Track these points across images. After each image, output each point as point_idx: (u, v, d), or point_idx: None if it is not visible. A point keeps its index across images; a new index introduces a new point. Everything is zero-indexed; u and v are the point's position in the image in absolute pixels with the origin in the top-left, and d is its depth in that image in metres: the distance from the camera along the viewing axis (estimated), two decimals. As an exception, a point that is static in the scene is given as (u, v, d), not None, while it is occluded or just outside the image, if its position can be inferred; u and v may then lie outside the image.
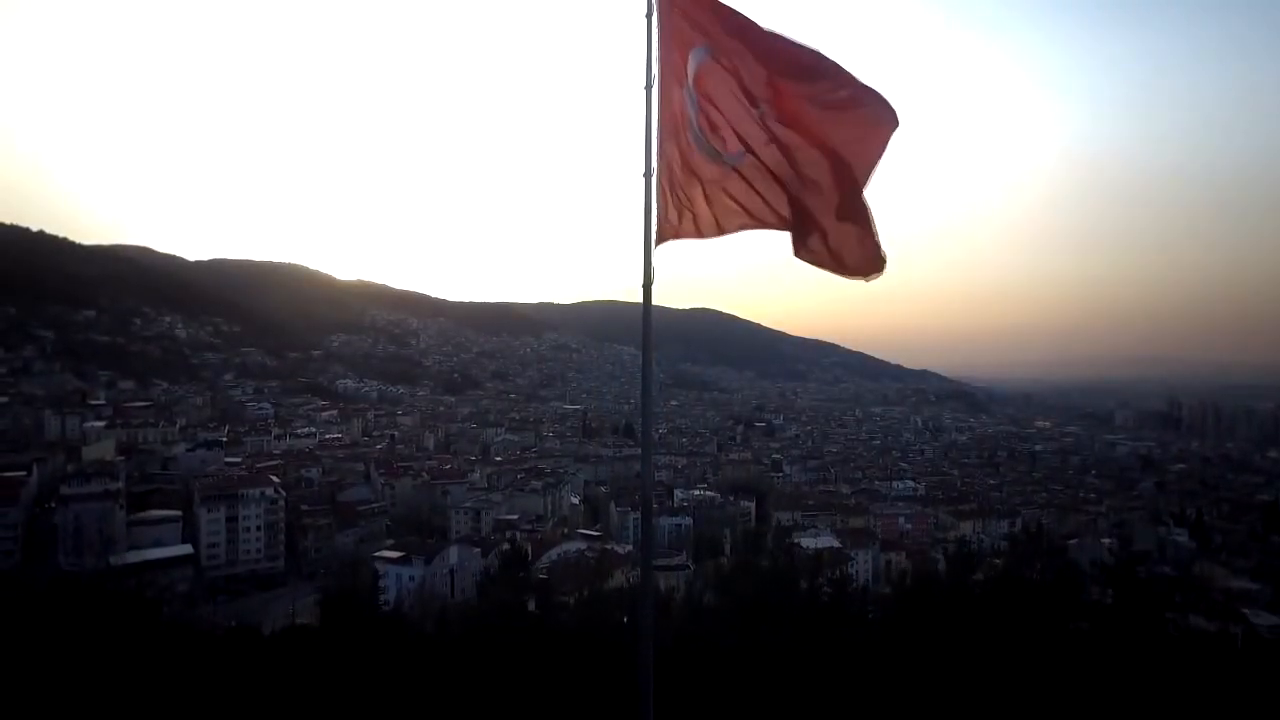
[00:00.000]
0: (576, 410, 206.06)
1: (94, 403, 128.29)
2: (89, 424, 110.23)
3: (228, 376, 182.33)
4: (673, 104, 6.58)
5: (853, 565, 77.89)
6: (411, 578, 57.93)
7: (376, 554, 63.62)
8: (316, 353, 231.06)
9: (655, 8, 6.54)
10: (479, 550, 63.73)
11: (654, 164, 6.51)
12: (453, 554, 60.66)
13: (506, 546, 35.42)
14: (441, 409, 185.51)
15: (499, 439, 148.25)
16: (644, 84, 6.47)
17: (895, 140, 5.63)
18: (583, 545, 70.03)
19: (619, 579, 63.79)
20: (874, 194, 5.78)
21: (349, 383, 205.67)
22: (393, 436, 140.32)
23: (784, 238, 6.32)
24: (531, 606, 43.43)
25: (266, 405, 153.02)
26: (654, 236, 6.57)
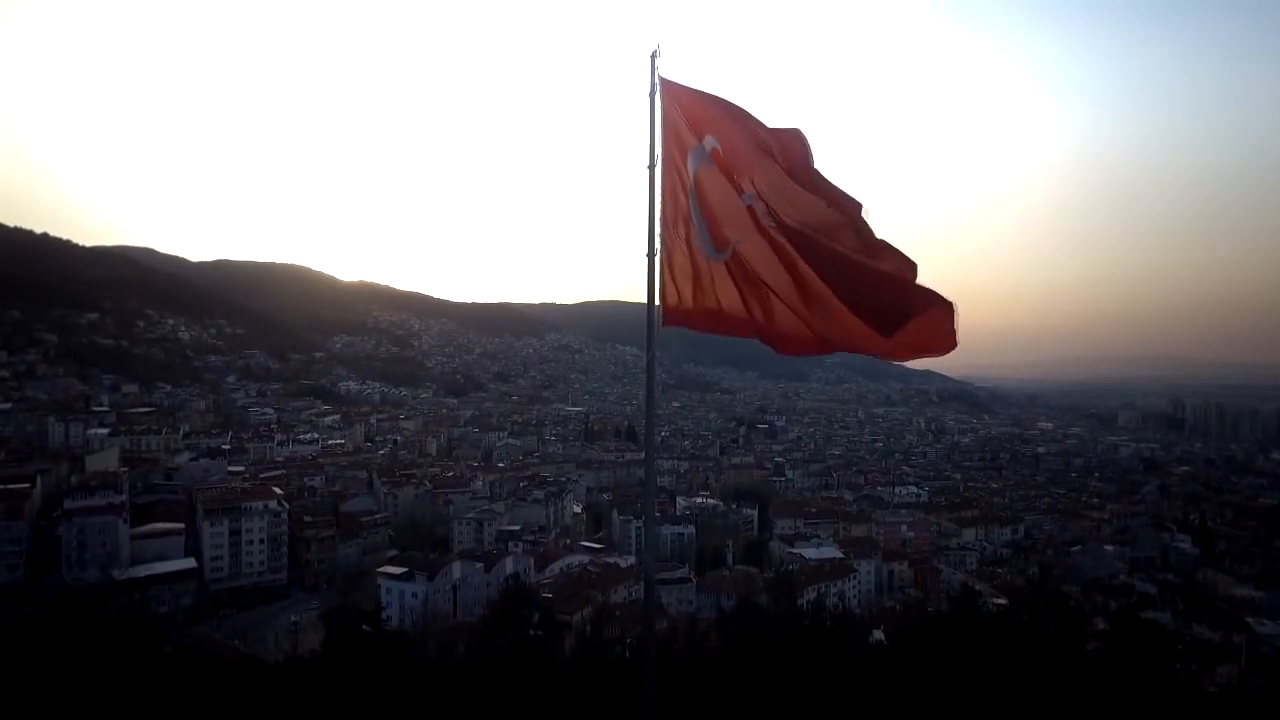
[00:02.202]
0: (579, 412, 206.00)
1: (97, 408, 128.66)
2: (92, 431, 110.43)
3: (231, 379, 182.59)
4: (675, 188, 6.54)
5: (854, 577, 78.01)
6: (414, 594, 58.12)
7: (379, 570, 63.75)
8: (319, 354, 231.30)
9: (658, 88, 6.51)
10: (481, 565, 63.84)
11: (657, 244, 6.51)
12: (455, 570, 60.79)
13: (509, 582, 35.39)
14: (444, 412, 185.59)
15: (501, 443, 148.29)
16: (647, 164, 6.47)
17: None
18: (585, 558, 70.10)
19: (622, 593, 64.00)
20: (879, 201, 5.53)
21: (351, 385, 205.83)
22: (395, 442, 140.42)
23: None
24: (535, 623, 43.66)
25: (269, 410, 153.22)
26: (658, 318, 6.56)
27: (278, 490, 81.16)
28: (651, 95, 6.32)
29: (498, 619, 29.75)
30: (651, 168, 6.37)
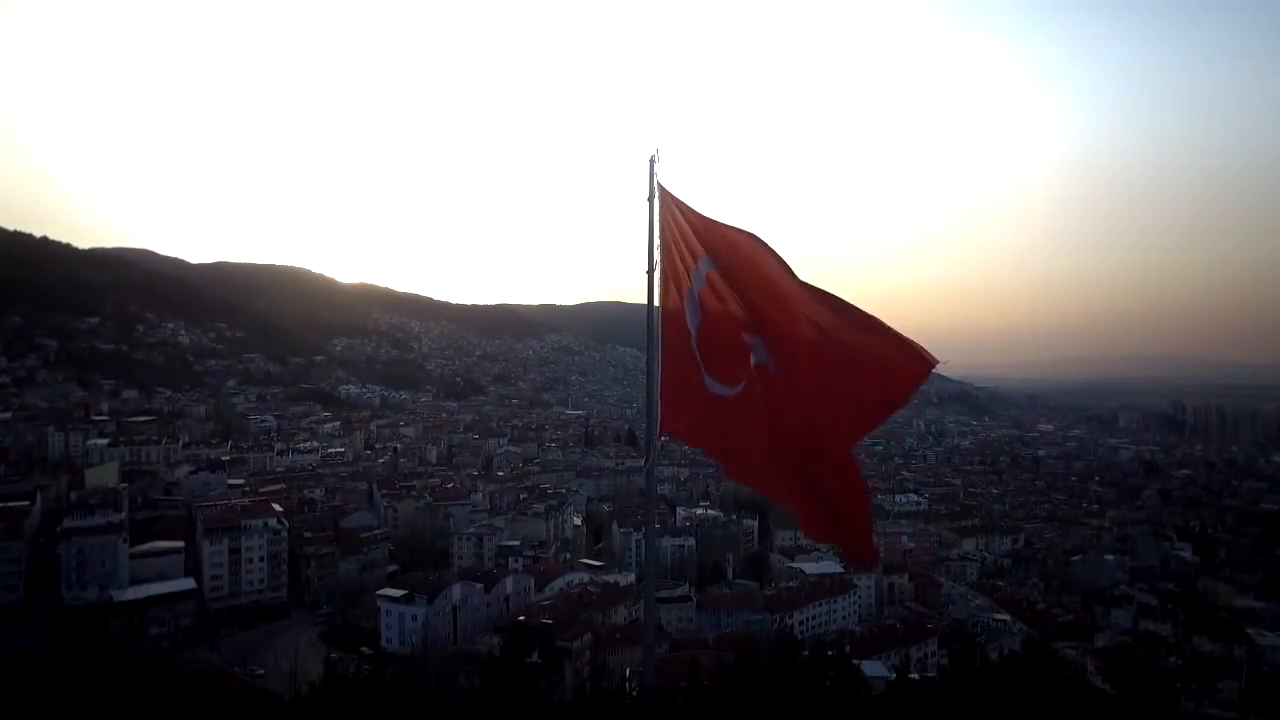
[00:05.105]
0: (579, 416, 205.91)
1: (98, 417, 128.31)
2: (92, 442, 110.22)
3: (231, 383, 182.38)
4: (673, 307, 6.39)
5: (855, 593, 77.91)
6: (414, 617, 58.12)
7: (380, 592, 63.70)
8: (319, 357, 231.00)
9: (657, 194, 6.36)
10: (481, 586, 63.87)
11: (657, 351, 6.37)
12: (455, 592, 60.75)
13: (510, 619, 35.34)
14: (444, 415, 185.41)
15: (501, 450, 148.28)
16: (645, 268, 6.32)
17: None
18: (585, 577, 70.03)
19: (622, 613, 64.06)
20: (881, 202, 5.09)
21: (352, 388, 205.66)
22: (395, 449, 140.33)
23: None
24: (535, 657, 43.66)
25: (269, 417, 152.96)
26: (658, 424, 6.42)
27: (277, 507, 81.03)
28: (650, 200, 6.20)
29: (499, 665, 29.65)
30: (650, 273, 6.25)
